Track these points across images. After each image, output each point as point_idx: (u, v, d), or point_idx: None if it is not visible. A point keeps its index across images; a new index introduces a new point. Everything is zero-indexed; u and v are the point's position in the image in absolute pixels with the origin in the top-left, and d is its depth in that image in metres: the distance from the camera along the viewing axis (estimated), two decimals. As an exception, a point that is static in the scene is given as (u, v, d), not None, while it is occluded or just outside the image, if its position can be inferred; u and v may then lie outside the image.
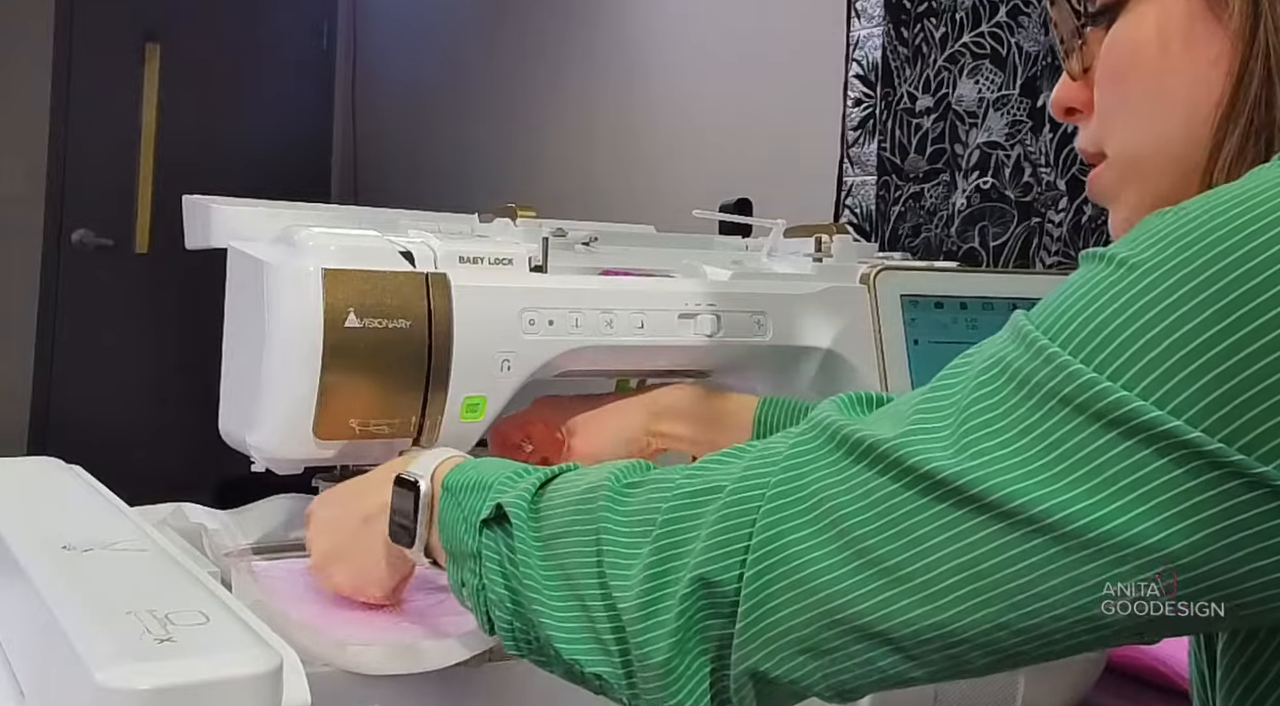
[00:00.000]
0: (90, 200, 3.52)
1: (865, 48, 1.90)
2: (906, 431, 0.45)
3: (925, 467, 0.43)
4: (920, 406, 0.46)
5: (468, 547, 0.61)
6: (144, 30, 3.58)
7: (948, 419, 0.44)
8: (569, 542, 0.57)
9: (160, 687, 0.49)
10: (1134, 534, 0.39)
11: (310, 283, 0.76)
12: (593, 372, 0.94)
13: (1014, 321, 0.45)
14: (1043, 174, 1.60)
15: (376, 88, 3.79)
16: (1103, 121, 0.54)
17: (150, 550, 0.68)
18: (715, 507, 0.51)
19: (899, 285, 0.95)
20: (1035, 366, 0.42)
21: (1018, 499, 0.41)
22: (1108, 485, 0.40)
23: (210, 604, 0.58)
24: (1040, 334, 0.43)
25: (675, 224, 1.13)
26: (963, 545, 0.42)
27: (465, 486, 0.63)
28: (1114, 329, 0.40)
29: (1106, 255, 0.43)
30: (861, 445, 0.46)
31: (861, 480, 0.46)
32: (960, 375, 0.46)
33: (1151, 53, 0.50)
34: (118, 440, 3.13)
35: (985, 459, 0.42)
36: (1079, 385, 0.41)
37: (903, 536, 0.44)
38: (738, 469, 0.51)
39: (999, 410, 0.43)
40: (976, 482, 0.42)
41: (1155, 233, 0.42)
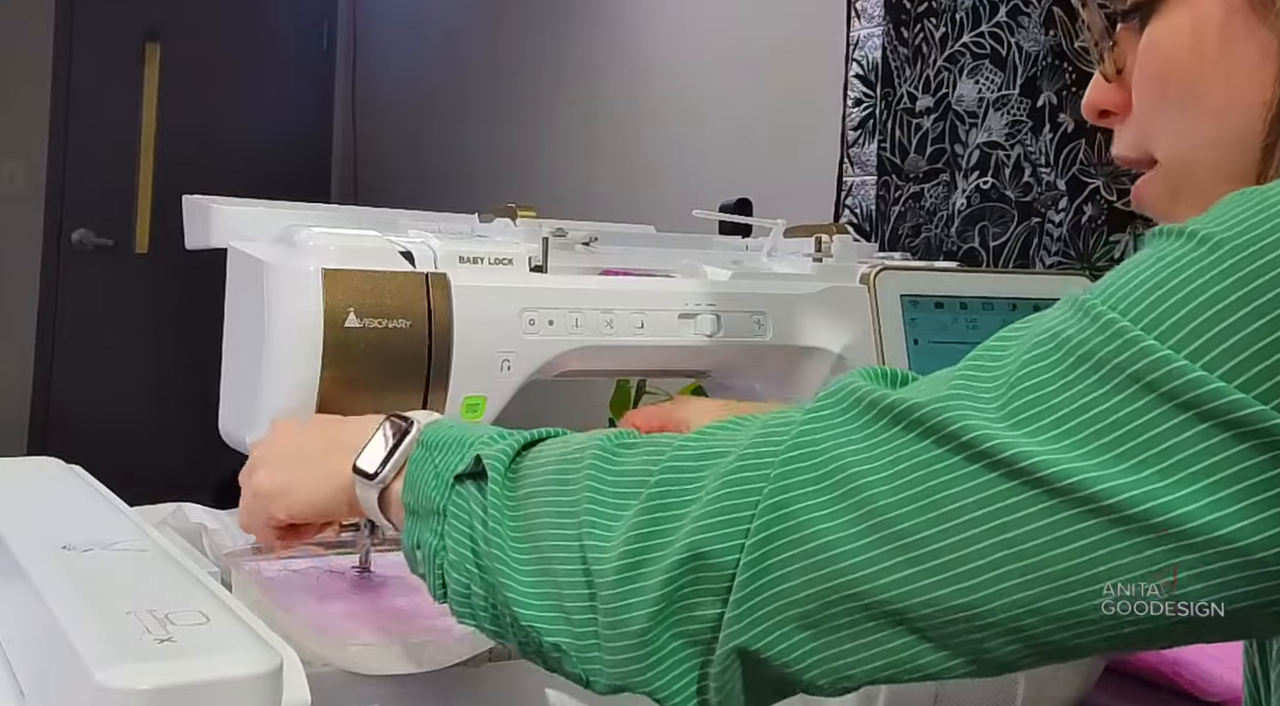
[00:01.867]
0: (90, 200, 3.53)
1: (865, 48, 1.90)
2: (948, 395, 0.42)
3: (968, 435, 0.40)
4: (963, 374, 0.43)
5: (434, 503, 0.57)
6: (144, 30, 3.58)
7: (996, 388, 0.41)
8: (547, 499, 0.53)
9: (160, 687, 0.49)
10: (1205, 523, 0.37)
11: (310, 283, 0.76)
12: (593, 373, 0.94)
13: (1071, 298, 0.42)
14: (1043, 174, 1.60)
15: (376, 88, 3.79)
16: (1143, 126, 0.52)
17: (150, 550, 0.68)
18: (718, 472, 0.47)
19: (899, 285, 0.95)
20: (1100, 340, 0.39)
21: (1074, 476, 0.38)
22: (1179, 469, 0.37)
23: (210, 604, 0.58)
24: (1107, 308, 0.40)
25: (675, 224, 1.13)
26: (1005, 521, 0.39)
27: (443, 442, 0.59)
28: (1196, 306, 0.38)
29: (1184, 231, 0.40)
30: (893, 409, 0.43)
31: (890, 445, 0.42)
32: (1008, 346, 0.43)
33: (1192, 54, 0.48)
34: (118, 440, 3.13)
35: (1039, 431, 0.39)
36: (1150, 362, 0.38)
37: (934, 508, 0.41)
38: (746, 435, 0.48)
39: (1057, 383, 0.40)
40: (1026, 455, 0.39)
41: (1237, 210, 0.39)
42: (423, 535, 0.58)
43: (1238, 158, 0.47)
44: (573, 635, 0.50)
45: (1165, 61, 0.49)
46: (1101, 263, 1.51)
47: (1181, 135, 0.50)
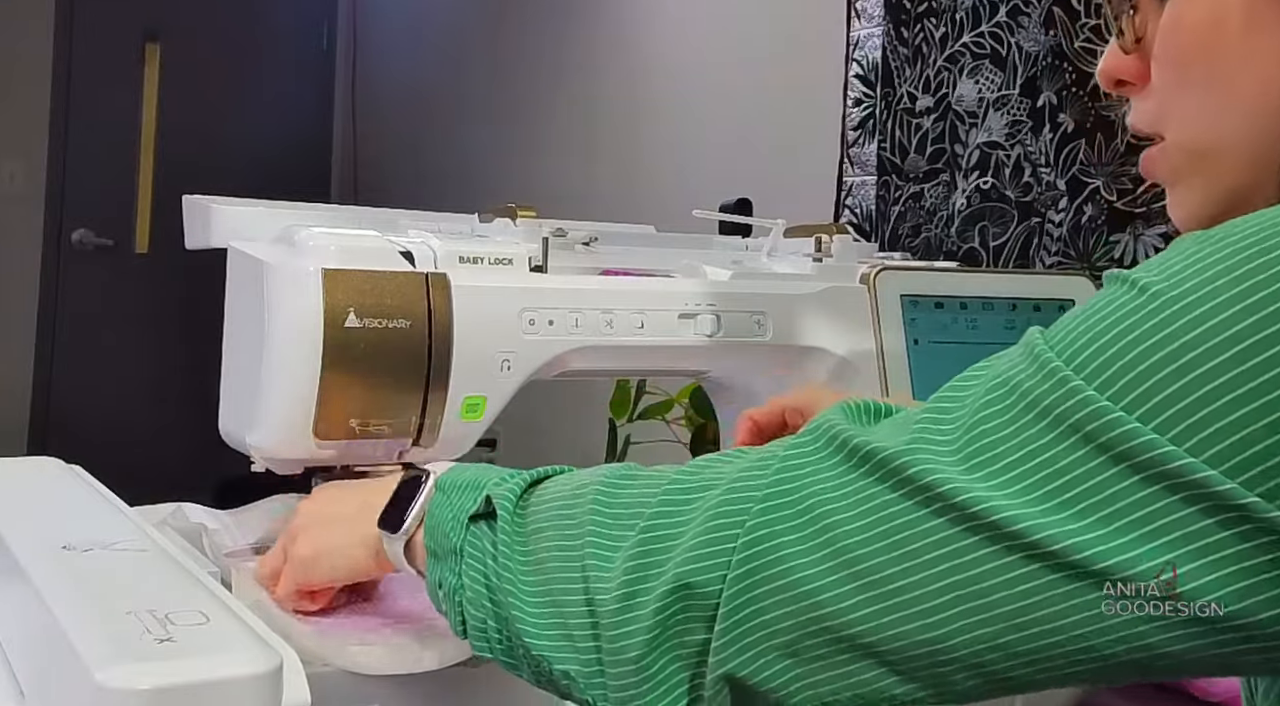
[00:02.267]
0: (90, 200, 3.53)
1: (865, 48, 1.90)
2: (909, 441, 0.44)
3: (925, 480, 0.42)
4: (925, 418, 0.45)
5: (452, 544, 0.60)
6: (144, 30, 3.58)
7: (953, 432, 0.43)
8: (553, 534, 0.56)
9: (160, 687, 0.49)
10: (1141, 570, 0.38)
11: (310, 283, 0.76)
12: (593, 373, 0.94)
13: (1028, 339, 0.44)
14: (1043, 174, 1.60)
15: (376, 88, 3.79)
16: (1160, 102, 0.51)
17: (150, 550, 0.68)
18: (705, 506, 0.49)
19: (899, 285, 0.95)
20: (1045, 388, 0.41)
21: (1019, 522, 0.40)
22: (1114, 519, 0.39)
23: (210, 604, 0.58)
24: (1054, 356, 0.41)
25: (675, 224, 1.13)
26: (959, 563, 0.41)
27: (459, 485, 0.62)
28: (1132, 358, 0.39)
29: (1131, 279, 0.41)
30: (859, 451, 0.45)
31: (857, 487, 0.45)
32: (968, 389, 0.45)
33: (1215, 37, 0.47)
34: (118, 440, 3.13)
35: (988, 477, 0.41)
36: (1089, 412, 0.39)
37: (896, 548, 0.43)
38: (733, 470, 0.50)
39: (1007, 430, 0.42)
40: (977, 501, 0.41)
41: (1185, 260, 0.40)
42: (444, 575, 0.61)
43: (1257, 139, 0.47)
44: (580, 662, 0.52)
45: (1189, 41, 0.48)
46: (1101, 262, 1.51)
47: (1201, 116, 0.49)
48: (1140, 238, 1.47)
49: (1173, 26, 0.49)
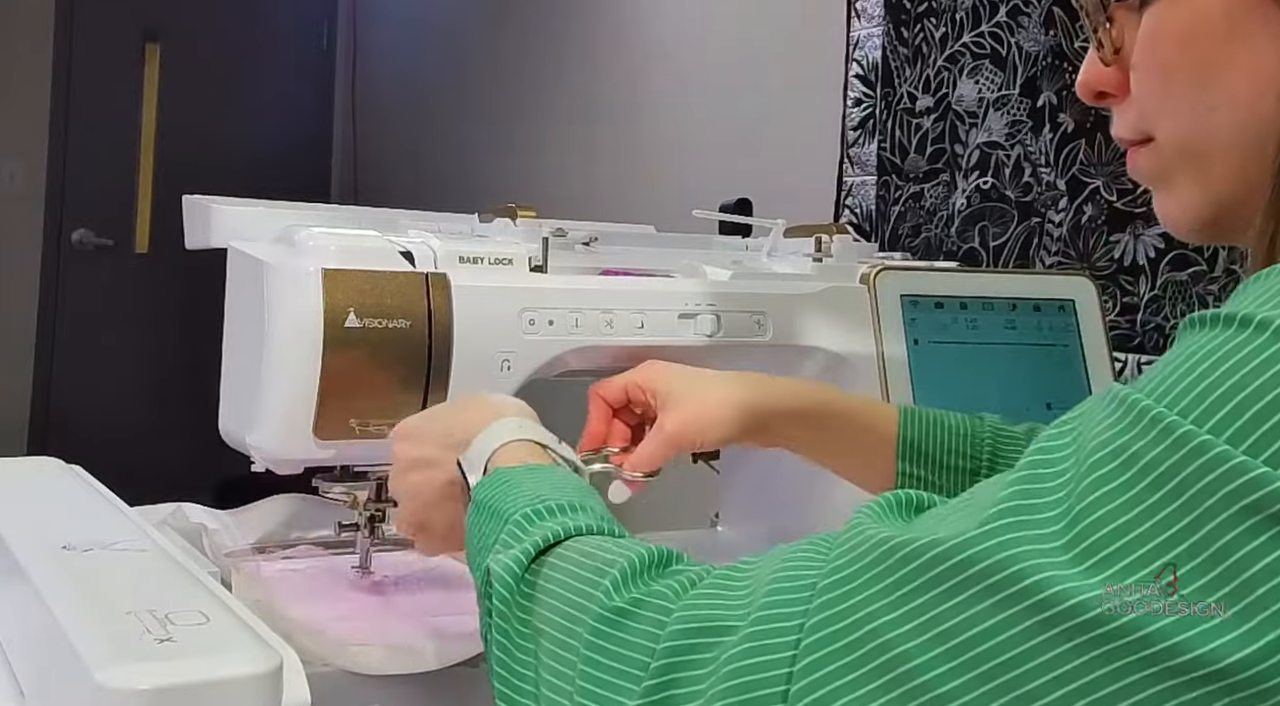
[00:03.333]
0: (90, 200, 3.52)
1: (865, 48, 1.90)
2: (989, 528, 0.35)
3: (1026, 582, 0.33)
4: (1006, 494, 0.36)
5: (479, 583, 0.55)
6: (144, 30, 3.58)
7: (1054, 515, 0.35)
8: (548, 647, 0.49)
9: (160, 687, 0.49)
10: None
11: (310, 283, 0.76)
12: (593, 373, 0.94)
13: (1119, 397, 0.36)
14: (1043, 174, 1.60)
15: (376, 88, 3.79)
16: (1144, 112, 0.49)
17: (150, 550, 0.68)
18: (726, 656, 0.41)
19: (899, 285, 0.95)
20: (1165, 447, 0.33)
21: (1173, 637, 0.31)
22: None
23: (210, 604, 0.58)
24: (1167, 410, 0.34)
25: (675, 224, 1.13)
26: (1093, 700, 0.32)
27: (487, 507, 0.57)
28: (1268, 404, 0.32)
29: (1226, 316, 0.35)
30: (922, 556, 0.36)
31: (928, 605, 0.35)
32: (1058, 458, 0.36)
33: (1197, 42, 0.46)
34: (118, 440, 3.13)
35: (1119, 575, 0.32)
36: (1228, 470, 0.32)
37: (994, 678, 0.33)
38: (752, 599, 0.42)
39: (1133, 510, 0.33)
40: (1114, 616, 0.32)
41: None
42: (480, 598, 0.56)
43: (1244, 140, 0.46)
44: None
45: (1171, 52, 0.47)
46: (1101, 262, 1.52)
47: (1190, 123, 0.47)
48: (1140, 238, 1.47)
49: (1153, 35, 0.48)
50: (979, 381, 0.94)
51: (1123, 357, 1.46)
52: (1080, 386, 0.96)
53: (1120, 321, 1.47)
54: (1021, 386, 0.95)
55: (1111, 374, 0.98)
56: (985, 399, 0.93)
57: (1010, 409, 0.93)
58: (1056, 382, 0.96)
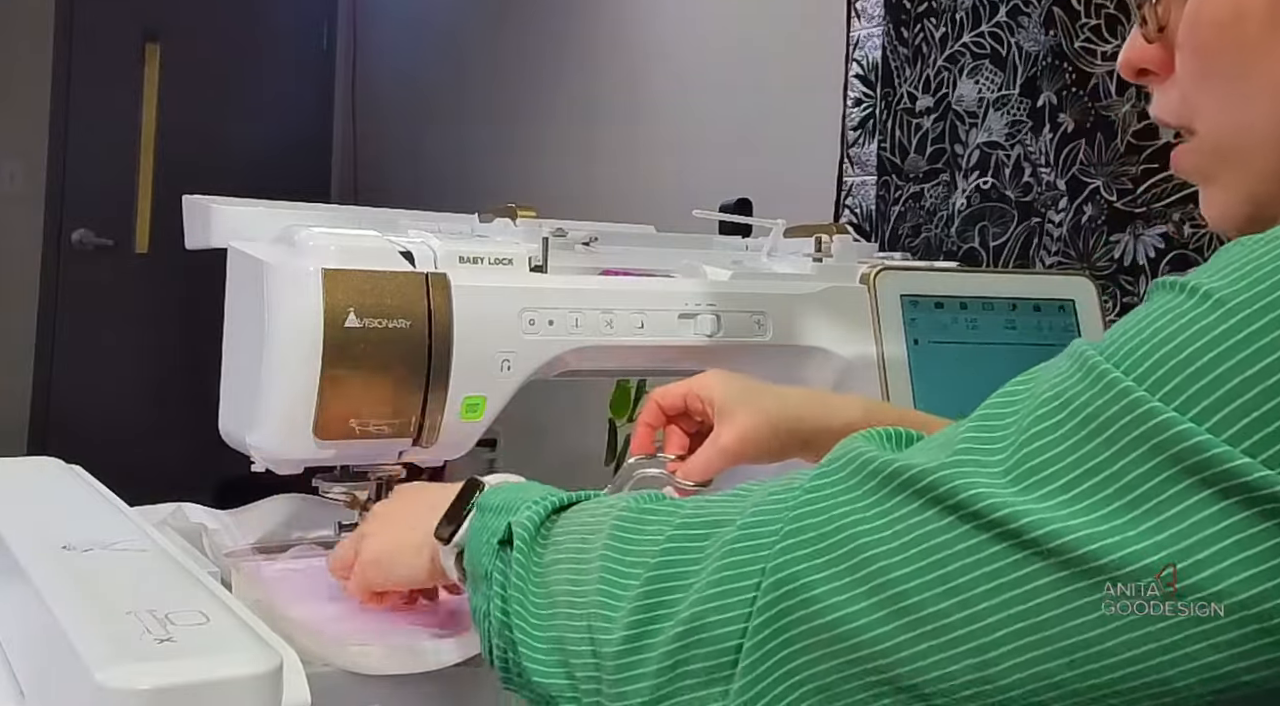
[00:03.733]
0: (90, 200, 3.52)
1: (865, 48, 1.90)
2: (952, 460, 0.40)
3: (977, 505, 0.39)
4: (968, 436, 0.41)
5: (484, 568, 0.59)
6: (144, 30, 3.58)
7: (1001, 451, 0.40)
8: (566, 568, 0.54)
9: (160, 687, 0.49)
10: (1224, 588, 0.34)
11: (310, 283, 0.76)
12: (593, 373, 0.94)
13: (1076, 352, 0.41)
14: (1043, 174, 1.60)
15: (376, 88, 3.79)
16: (1186, 95, 0.49)
17: (150, 550, 0.68)
18: (719, 543, 0.46)
19: (899, 285, 0.95)
20: (1105, 401, 0.38)
21: (1084, 545, 0.36)
22: (1189, 534, 0.35)
23: (210, 604, 0.58)
24: (1111, 367, 0.38)
25: (675, 224, 1.13)
26: (1017, 593, 0.37)
27: (495, 507, 0.60)
28: (1201, 367, 0.36)
29: (1189, 285, 0.38)
30: (899, 476, 0.42)
31: (896, 514, 0.41)
32: (1013, 405, 0.41)
33: (1237, 31, 0.46)
34: (118, 440, 3.13)
35: (1046, 497, 0.38)
36: (1157, 424, 0.36)
37: (946, 580, 0.39)
38: (749, 503, 0.47)
39: (1063, 445, 0.38)
40: (1037, 525, 0.37)
41: (1242, 263, 0.38)
42: (477, 600, 0.60)
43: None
44: (580, 704, 0.51)
45: (1214, 32, 0.47)
46: (1101, 262, 1.52)
47: (1228, 108, 0.47)
48: (1140, 238, 1.47)
49: (1194, 19, 0.48)
50: (979, 381, 0.94)
51: (1123, 358, 1.46)
52: (1080, 386, 0.96)
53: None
54: (1021, 386, 0.95)
55: (1111, 374, 0.98)
56: (985, 399, 0.93)
57: (1010, 409, 0.93)
58: (1056, 383, 0.96)
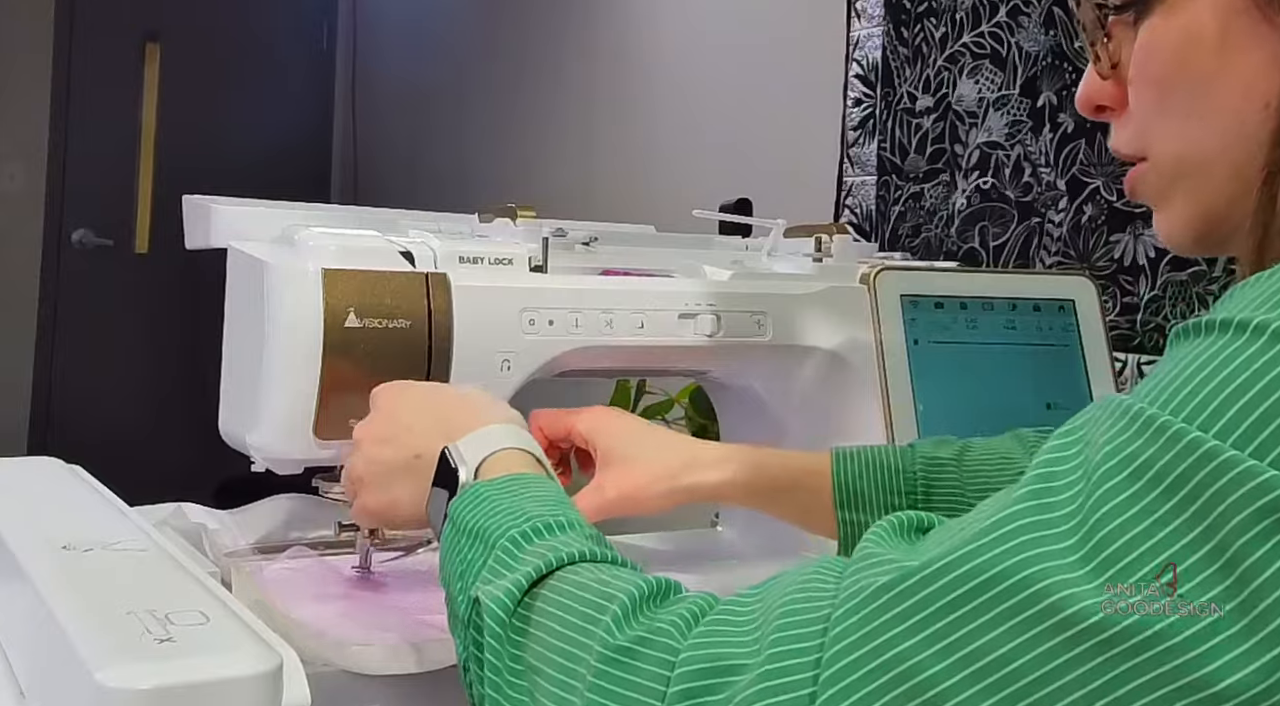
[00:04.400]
0: (90, 200, 3.52)
1: (865, 48, 1.90)
2: (1002, 532, 0.35)
3: (1049, 591, 0.33)
4: (1020, 507, 0.36)
5: (460, 611, 0.54)
6: (144, 30, 3.58)
7: (1070, 530, 0.34)
8: (547, 691, 0.47)
9: (160, 687, 0.49)
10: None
11: (310, 283, 0.76)
12: (593, 373, 0.94)
13: (1120, 408, 0.36)
14: (1043, 174, 1.60)
15: (376, 88, 3.79)
16: (1139, 125, 0.50)
17: (150, 550, 0.68)
18: (742, 690, 0.40)
19: (899, 285, 0.95)
20: (1175, 455, 0.33)
21: (1183, 644, 0.31)
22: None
23: (210, 604, 0.58)
24: (1173, 418, 0.34)
25: (675, 224, 1.13)
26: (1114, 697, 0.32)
27: (467, 529, 0.56)
28: (1270, 406, 0.32)
29: (1229, 322, 0.35)
30: (939, 574, 0.36)
31: (960, 628, 0.35)
32: (1068, 468, 0.36)
33: (1190, 56, 0.46)
34: (118, 440, 3.13)
35: (1139, 584, 0.32)
36: (1237, 475, 0.32)
37: (1026, 695, 0.33)
38: (766, 632, 0.41)
39: (1147, 520, 0.33)
40: (1125, 617, 0.32)
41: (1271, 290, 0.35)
42: (454, 625, 0.55)
43: (1238, 154, 0.46)
44: None
45: (1164, 65, 0.48)
46: (1101, 262, 1.52)
47: (1183, 136, 0.48)
48: (1140, 238, 1.47)
49: (1147, 48, 0.48)
50: (979, 381, 0.94)
51: (1123, 357, 1.46)
52: (1080, 386, 0.96)
53: (1120, 321, 1.47)
54: (1021, 386, 0.95)
55: (1112, 374, 0.98)
56: (985, 399, 0.93)
57: (1010, 409, 0.93)
58: (1056, 382, 0.96)
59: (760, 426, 0.98)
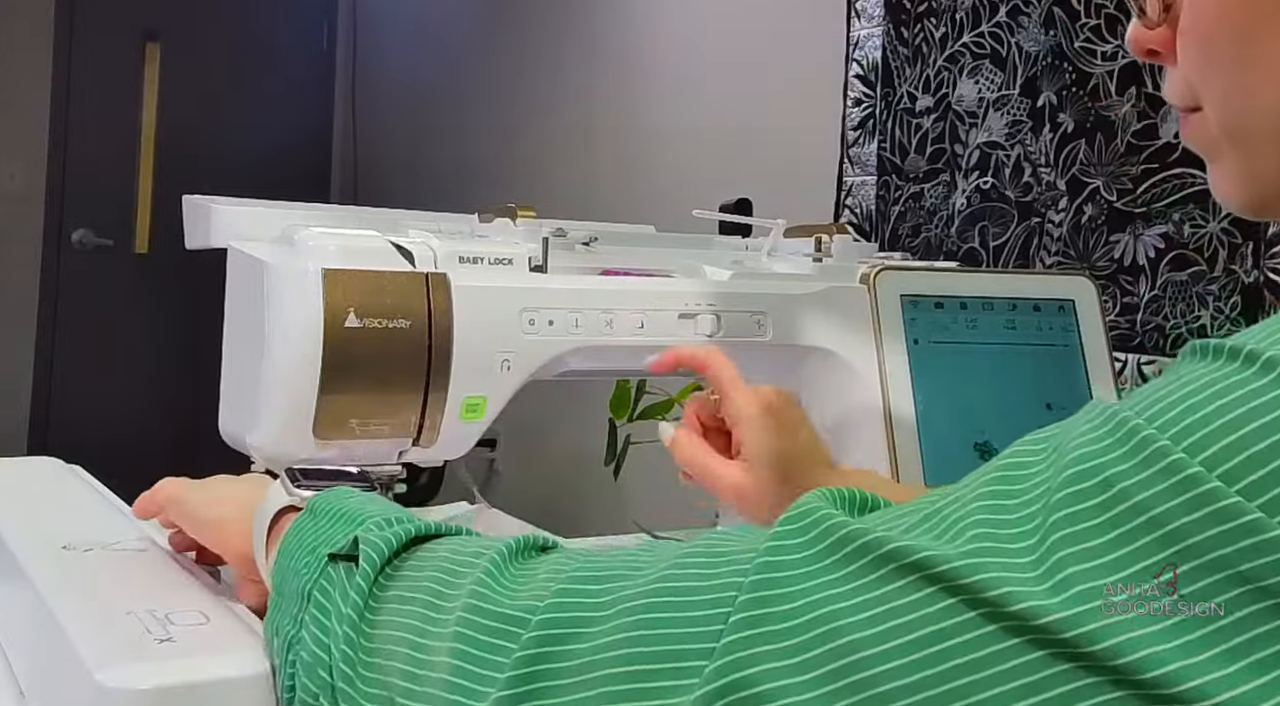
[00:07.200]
0: (90, 200, 3.53)
1: (865, 48, 1.90)
2: (973, 550, 0.33)
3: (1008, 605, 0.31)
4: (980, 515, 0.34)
5: (302, 583, 0.51)
6: (144, 30, 3.58)
7: (1028, 539, 0.32)
8: (415, 614, 0.46)
9: (160, 687, 0.49)
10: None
11: (310, 283, 0.76)
12: (593, 373, 0.94)
13: (1107, 413, 0.34)
14: (1043, 174, 1.60)
15: (376, 88, 3.79)
16: (1189, 80, 0.47)
17: (150, 550, 0.68)
18: (627, 615, 0.38)
19: (899, 285, 0.95)
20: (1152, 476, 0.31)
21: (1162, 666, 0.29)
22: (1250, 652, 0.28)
23: (210, 604, 0.58)
24: (1158, 433, 0.32)
25: (675, 224, 1.13)
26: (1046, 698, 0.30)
27: (332, 513, 0.54)
28: (1267, 447, 0.30)
29: (1238, 350, 0.32)
30: (899, 559, 0.34)
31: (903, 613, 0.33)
32: (1029, 475, 0.34)
33: (1241, 12, 0.44)
34: (118, 440, 3.13)
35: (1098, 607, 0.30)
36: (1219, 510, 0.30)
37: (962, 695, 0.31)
38: (661, 562, 0.39)
39: (1103, 538, 0.31)
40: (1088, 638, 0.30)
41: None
42: (281, 621, 0.52)
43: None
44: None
45: (1212, 20, 0.45)
46: (1101, 262, 1.52)
47: (1232, 94, 0.45)
48: (1140, 238, 1.47)
49: (1198, 7, 0.46)
50: (979, 381, 0.94)
51: (1123, 358, 1.46)
52: (1080, 387, 0.96)
53: (1120, 321, 1.47)
54: (1021, 386, 0.95)
55: (1112, 374, 0.98)
56: (985, 399, 0.93)
57: (1010, 409, 0.93)
58: (1056, 383, 0.96)
59: (760, 426, 0.98)
